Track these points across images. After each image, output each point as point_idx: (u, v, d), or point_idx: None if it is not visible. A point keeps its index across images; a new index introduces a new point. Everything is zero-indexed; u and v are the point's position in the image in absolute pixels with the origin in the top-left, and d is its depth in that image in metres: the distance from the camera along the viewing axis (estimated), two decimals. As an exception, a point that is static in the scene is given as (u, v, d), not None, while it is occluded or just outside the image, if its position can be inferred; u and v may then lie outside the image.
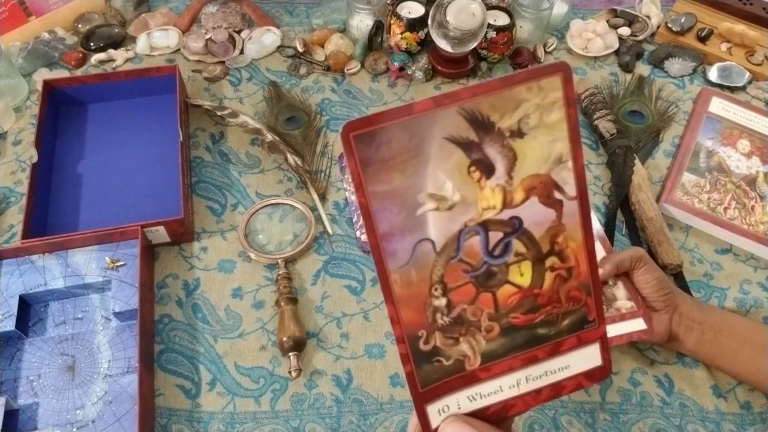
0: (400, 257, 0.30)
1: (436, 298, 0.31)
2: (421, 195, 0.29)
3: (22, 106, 0.76)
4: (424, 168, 0.29)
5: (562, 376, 0.34)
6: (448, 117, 0.28)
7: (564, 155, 0.30)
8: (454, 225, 0.30)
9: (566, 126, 0.30)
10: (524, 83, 0.28)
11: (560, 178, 0.31)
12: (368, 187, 0.29)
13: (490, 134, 0.29)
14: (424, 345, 0.32)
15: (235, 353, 0.59)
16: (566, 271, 0.32)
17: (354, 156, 0.28)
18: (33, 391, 0.54)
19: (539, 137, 0.30)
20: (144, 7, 0.88)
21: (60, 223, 0.65)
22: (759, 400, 0.58)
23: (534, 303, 0.33)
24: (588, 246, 0.32)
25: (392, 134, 0.28)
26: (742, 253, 0.68)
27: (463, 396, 0.33)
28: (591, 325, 0.33)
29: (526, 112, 0.29)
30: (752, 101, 0.82)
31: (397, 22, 0.80)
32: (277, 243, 0.66)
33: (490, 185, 0.30)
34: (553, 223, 0.32)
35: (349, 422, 0.56)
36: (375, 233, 0.29)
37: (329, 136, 0.76)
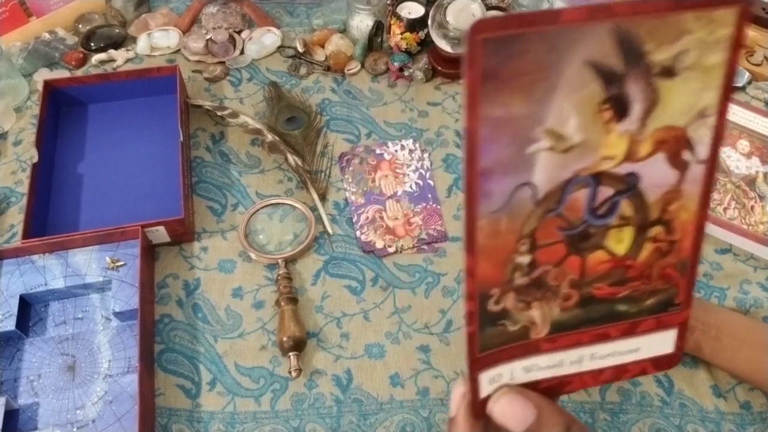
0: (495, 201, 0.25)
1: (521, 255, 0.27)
2: (539, 129, 0.25)
3: (23, 106, 0.76)
4: (552, 95, 0.24)
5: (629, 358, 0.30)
6: (598, 35, 0.23)
7: (709, 108, 0.26)
8: (565, 172, 0.26)
9: (723, 74, 0.26)
10: (696, 9, 0.24)
11: (697, 135, 0.26)
12: (482, 108, 0.23)
13: (639, 67, 0.25)
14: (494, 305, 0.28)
15: (236, 353, 0.59)
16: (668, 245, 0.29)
17: (477, 64, 0.22)
18: (33, 391, 0.54)
19: (690, 81, 0.25)
20: (144, 7, 0.88)
21: (60, 223, 0.65)
22: (759, 399, 0.58)
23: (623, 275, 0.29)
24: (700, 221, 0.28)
25: (529, 44, 0.23)
26: (742, 253, 0.69)
27: (519, 366, 0.30)
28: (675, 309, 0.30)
29: (685, 47, 0.25)
30: (752, 101, 0.82)
31: (397, 23, 0.80)
32: (277, 243, 0.66)
33: (618, 130, 0.26)
34: (672, 188, 0.27)
35: (349, 422, 0.56)
36: (474, 167, 0.24)
37: (329, 137, 0.76)
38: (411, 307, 0.63)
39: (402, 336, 0.61)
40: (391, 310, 0.63)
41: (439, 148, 0.76)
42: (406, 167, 0.73)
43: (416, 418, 0.56)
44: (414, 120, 0.78)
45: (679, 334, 0.30)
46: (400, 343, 0.61)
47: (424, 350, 0.60)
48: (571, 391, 0.31)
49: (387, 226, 0.68)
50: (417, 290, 0.64)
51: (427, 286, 0.64)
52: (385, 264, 0.66)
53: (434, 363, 0.59)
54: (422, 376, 0.59)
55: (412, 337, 0.61)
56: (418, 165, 0.73)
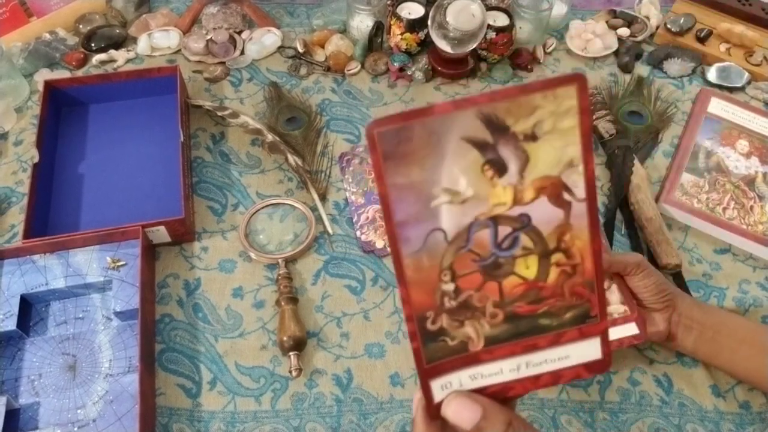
0: (414, 243, 0.32)
1: (445, 283, 0.33)
2: (437, 188, 0.31)
3: (24, 107, 0.76)
4: (441, 164, 0.31)
5: (562, 365, 0.35)
6: (466, 119, 0.30)
7: (575, 159, 0.32)
8: (466, 218, 0.32)
9: (579, 132, 0.31)
10: (540, 91, 0.30)
11: (570, 180, 0.32)
12: (388, 179, 0.31)
13: (505, 136, 0.31)
14: (431, 325, 0.34)
15: (236, 353, 0.59)
16: (571, 268, 0.34)
17: (377, 150, 0.30)
18: (34, 391, 0.55)
19: (552, 141, 0.31)
20: (145, 7, 0.88)
21: (61, 223, 0.66)
22: (758, 399, 0.59)
23: (538, 295, 0.34)
24: (594, 246, 0.33)
25: (413, 132, 0.30)
26: (741, 253, 0.69)
27: (465, 375, 0.35)
28: (593, 320, 0.35)
29: (540, 118, 0.30)
30: (751, 102, 0.82)
31: (397, 23, 0.80)
32: (277, 243, 0.66)
33: (502, 183, 0.32)
34: (561, 222, 0.33)
35: (350, 421, 0.56)
36: (392, 220, 0.31)
37: (329, 137, 0.76)
38: (411, 306, 0.63)
39: (402, 336, 0.61)
40: (391, 310, 0.63)
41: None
42: (406, 167, 0.73)
43: (416, 418, 0.56)
44: (414, 120, 0.78)
45: (603, 341, 0.35)
46: (400, 342, 0.61)
47: (424, 350, 0.60)
48: (516, 395, 0.36)
49: (387, 226, 0.68)
50: (417, 290, 0.64)
51: (427, 286, 0.64)
52: (385, 264, 0.66)
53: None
54: (422, 375, 0.59)
55: (412, 336, 0.61)
56: (418, 165, 0.73)
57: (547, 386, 0.36)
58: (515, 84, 0.30)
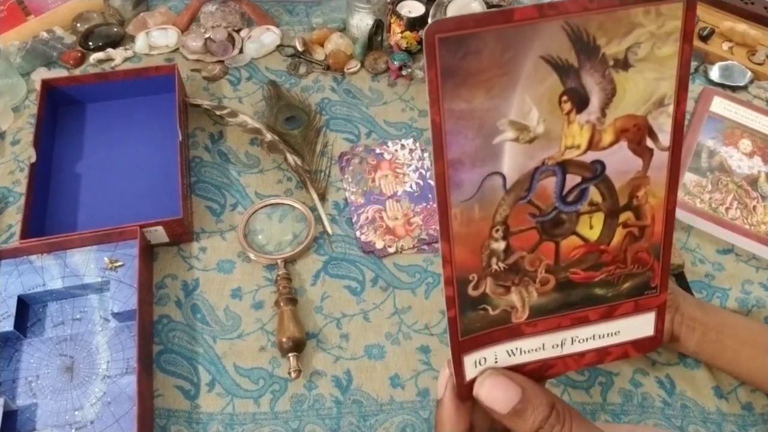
0: (466, 190, 0.27)
1: (496, 241, 0.29)
2: (502, 121, 0.26)
3: (21, 106, 0.76)
4: (512, 89, 0.26)
5: (611, 341, 0.32)
6: (551, 32, 0.25)
7: (667, 97, 0.27)
8: (532, 161, 0.27)
9: (677, 63, 0.27)
10: (643, 4, 0.25)
11: (657, 123, 0.28)
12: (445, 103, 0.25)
13: (593, 60, 0.26)
14: (473, 290, 0.29)
15: (235, 354, 0.59)
16: (639, 230, 0.30)
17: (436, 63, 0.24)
18: (31, 392, 0.54)
19: (645, 72, 0.27)
20: (143, 6, 0.88)
21: (58, 223, 0.65)
22: (761, 400, 0.58)
23: (598, 259, 0.30)
24: (669, 206, 0.29)
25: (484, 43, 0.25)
26: (744, 253, 0.68)
27: (503, 350, 0.31)
28: (652, 292, 0.31)
29: (637, 40, 0.26)
30: (754, 101, 0.82)
31: (397, 21, 0.80)
32: (276, 243, 0.66)
33: (579, 120, 0.27)
34: (638, 174, 0.29)
35: (349, 423, 0.56)
36: (443, 158, 0.26)
37: (329, 136, 0.75)
38: (411, 307, 0.63)
39: (402, 337, 0.61)
40: (391, 311, 0.62)
41: (440, 147, 0.75)
42: (406, 167, 0.73)
43: (416, 420, 0.56)
44: (414, 119, 0.78)
45: (658, 316, 0.31)
46: (400, 343, 0.60)
47: (425, 351, 0.60)
48: (556, 374, 0.32)
49: (387, 226, 0.68)
50: (417, 291, 0.64)
51: (427, 287, 0.64)
52: (385, 264, 0.65)
53: (434, 364, 0.59)
54: (422, 377, 0.58)
55: (412, 337, 0.61)
56: (419, 165, 0.73)
57: (590, 365, 0.32)
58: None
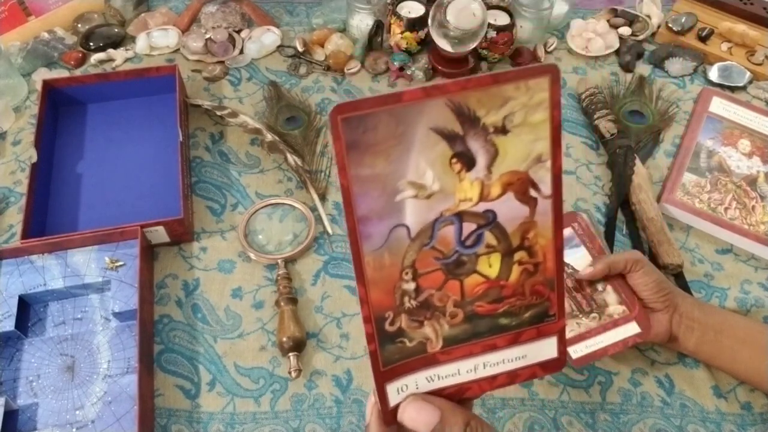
0: (375, 240, 0.31)
1: (406, 282, 0.32)
2: (402, 182, 0.30)
3: (22, 106, 0.76)
4: (408, 155, 0.30)
5: (519, 364, 0.35)
6: (436, 108, 0.29)
7: (544, 155, 0.31)
8: (431, 213, 0.31)
9: (549, 127, 0.30)
10: (513, 82, 0.29)
11: (538, 176, 0.31)
12: (351, 170, 0.29)
13: (475, 128, 0.30)
14: (389, 326, 0.33)
15: (235, 353, 0.59)
16: (533, 266, 0.33)
17: (340, 138, 0.28)
18: (32, 392, 0.54)
19: (522, 135, 0.30)
20: (143, 6, 0.88)
21: (59, 223, 0.65)
22: (760, 400, 0.58)
23: (499, 294, 0.34)
24: (557, 244, 0.33)
25: (379, 120, 0.28)
26: (743, 253, 0.68)
27: (422, 377, 0.34)
28: (551, 319, 0.35)
29: (511, 110, 0.30)
30: (753, 101, 0.82)
31: (397, 22, 0.80)
32: (276, 243, 0.66)
33: (469, 178, 0.31)
34: (526, 219, 0.32)
35: (349, 423, 0.56)
36: (353, 216, 0.30)
37: (329, 136, 0.76)
38: (411, 307, 0.63)
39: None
40: (391, 311, 0.62)
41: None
42: (406, 167, 0.73)
43: (416, 419, 0.56)
44: (414, 119, 0.78)
45: (560, 340, 0.35)
46: (400, 343, 0.60)
47: (424, 351, 0.60)
48: (473, 396, 0.35)
49: (387, 226, 0.68)
50: (417, 290, 0.64)
51: (427, 287, 0.64)
52: (385, 264, 0.65)
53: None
54: (422, 376, 0.59)
55: (412, 337, 0.61)
56: (418, 165, 0.73)
57: (502, 386, 0.36)
58: (485, 74, 0.30)
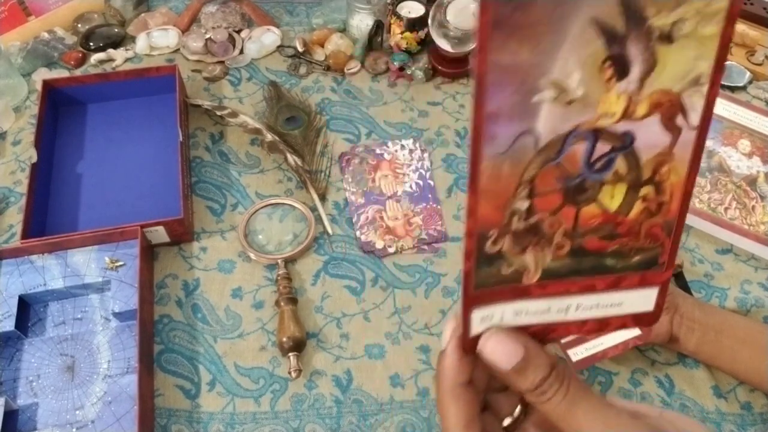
0: (499, 144, 0.27)
1: (520, 200, 0.29)
2: (544, 79, 0.26)
3: (22, 106, 0.76)
4: (558, 48, 0.26)
5: (612, 312, 0.32)
6: None
7: (703, 77, 0.28)
8: (566, 124, 0.28)
9: (718, 44, 0.27)
10: None
11: (690, 101, 0.28)
12: (491, 54, 0.25)
13: (639, 29, 0.26)
14: (491, 246, 0.29)
15: (235, 353, 0.59)
16: (656, 206, 0.30)
17: (488, 11, 0.24)
18: (32, 392, 0.54)
19: (687, 48, 0.27)
20: (143, 6, 0.88)
21: (59, 223, 0.65)
22: (760, 400, 0.58)
23: (613, 230, 0.31)
24: (687, 186, 0.30)
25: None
26: (743, 253, 0.68)
27: (510, 309, 0.31)
28: (659, 268, 0.32)
29: (684, 15, 0.26)
30: (753, 101, 0.82)
31: (397, 22, 0.80)
32: (276, 243, 0.66)
33: (617, 89, 0.27)
34: (664, 150, 0.29)
35: (349, 423, 0.56)
36: (482, 109, 0.26)
37: (329, 136, 0.76)
38: (411, 307, 0.63)
39: (402, 336, 0.61)
40: (391, 311, 0.62)
41: (439, 147, 0.76)
42: (406, 167, 0.73)
43: (416, 419, 0.56)
44: (414, 120, 0.78)
45: (660, 292, 0.32)
46: (400, 343, 0.60)
47: (424, 351, 0.60)
48: (557, 337, 0.33)
49: (387, 226, 0.68)
50: (417, 290, 0.64)
51: (427, 287, 0.64)
52: (385, 264, 0.65)
53: (434, 363, 0.59)
54: (422, 376, 0.59)
55: (412, 337, 0.61)
56: (418, 165, 0.73)
57: (591, 333, 0.33)
58: None
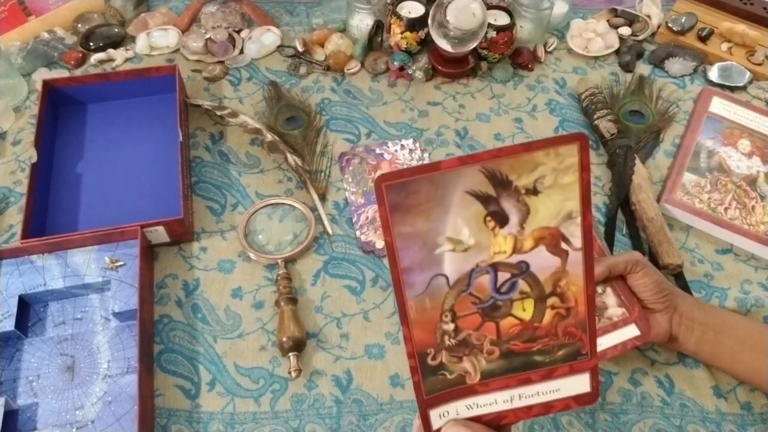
0: (417, 288, 0.35)
1: (446, 323, 0.36)
2: (441, 237, 0.33)
3: (22, 106, 0.76)
4: (446, 215, 0.33)
5: (553, 397, 0.38)
6: (471, 174, 0.32)
7: (574, 212, 0.33)
8: (468, 264, 0.34)
9: (579, 187, 0.33)
10: (543, 149, 0.32)
11: (568, 231, 0.34)
12: (395, 229, 0.33)
13: (507, 191, 0.33)
14: (431, 360, 0.36)
15: (235, 353, 0.59)
16: (565, 311, 0.36)
17: (385, 202, 0.32)
18: (32, 392, 0.54)
19: (552, 195, 0.33)
20: (143, 6, 0.88)
21: (59, 223, 0.65)
22: (759, 400, 0.58)
23: (533, 334, 0.36)
24: (588, 291, 0.35)
25: (420, 186, 0.32)
26: (743, 253, 0.68)
27: (462, 404, 0.37)
28: (584, 357, 0.37)
29: (542, 174, 0.32)
30: (753, 101, 0.82)
31: (397, 22, 0.80)
32: (276, 243, 0.66)
33: (503, 233, 0.34)
34: (558, 269, 0.35)
35: (349, 422, 0.56)
36: (397, 267, 0.34)
37: (329, 136, 0.76)
38: (411, 307, 0.63)
39: (402, 336, 0.61)
40: (391, 311, 0.62)
41: (439, 147, 0.76)
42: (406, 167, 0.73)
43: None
44: (414, 120, 0.78)
45: (592, 376, 0.37)
46: (400, 343, 0.60)
47: (424, 350, 0.60)
48: (509, 423, 0.38)
49: (387, 226, 0.68)
50: (417, 290, 0.64)
51: (427, 287, 0.64)
52: (385, 264, 0.65)
53: (434, 363, 0.59)
54: (422, 376, 0.59)
55: (412, 337, 0.61)
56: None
57: (538, 416, 0.38)
58: (518, 143, 0.33)
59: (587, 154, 0.32)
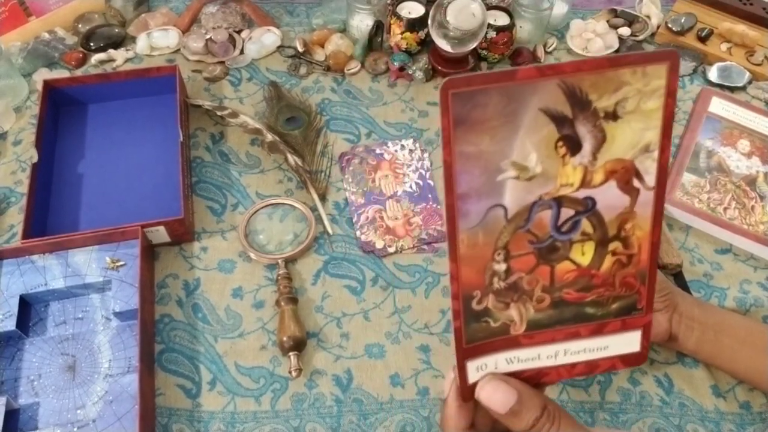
0: (472, 218, 0.31)
1: (497, 263, 0.32)
2: (505, 162, 0.30)
3: (22, 106, 0.76)
4: (514, 135, 0.29)
5: (600, 355, 0.35)
6: (548, 89, 0.28)
7: (652, 144, 0.30)
8: (530, 196, 0.31)
9: (662, 115, 0.30)
10: (630, 66, 0.28)
11: (643, 166, 0.31)
12: (456, 146, 0.29)
13: (585, 112, 0.29)
14: (476, 304, 0.33)
15: (236, 353, 0.59)
16: (627, 258, 0.33)
17: (449, 113, 0.28)
18: (33, 391, 0.54)
19: (632, 122, 0.30)
20: (144, 7, 0.88)
21: (60, 223, 0.65)
22: (758, 399, 0.58)
23: (589, 282, 0.33)
24: (653, 238, 0.32)
25: (490, 98, 0.28)
26: (742, 253, 0.68)
27: (502, 357, 0.34)
28: (638, 313, 0.34)
29: (625, 96, 0.29)
30: (752, 101, 0.82)
31: (397, 22, 0.80)
32: (277, 243, 0.66)
33: (573, 162, 0.30)
34: (626, 210, 0.32)
35: (350, 422, 0.56)
36: (453, 192, 0.30)
37: (329, 136, 0.76)
38: (411, 307, 0.63)
39: (402, 336, 0.61)
40: (391, 310, 0.63)
41: (440, 148, 0.75)
42: (406, 167, 0.73)
43: (416, 418, 0.56)
44: (414, 120, 0.78)
45: (644, 334, 0.35)
46: (400, 343, 0.61)
47: (424, 350, 0.60)
48: (549, 382, 0.35)
49: (387, 226, 0.68)
50: (417, 290, 0.64)
51: (427, 286, 0.64)
52: (385, 264, 0.66)
53: (434, 363, 0.59)
54: (422, 375, 0.59)
55: (412, 337, 0.61)
56: (418, 165, 0.73)
57: (581, 375, 0.35)
58: (602, 56, 0.29)
59: (676, 77, 0.29)
